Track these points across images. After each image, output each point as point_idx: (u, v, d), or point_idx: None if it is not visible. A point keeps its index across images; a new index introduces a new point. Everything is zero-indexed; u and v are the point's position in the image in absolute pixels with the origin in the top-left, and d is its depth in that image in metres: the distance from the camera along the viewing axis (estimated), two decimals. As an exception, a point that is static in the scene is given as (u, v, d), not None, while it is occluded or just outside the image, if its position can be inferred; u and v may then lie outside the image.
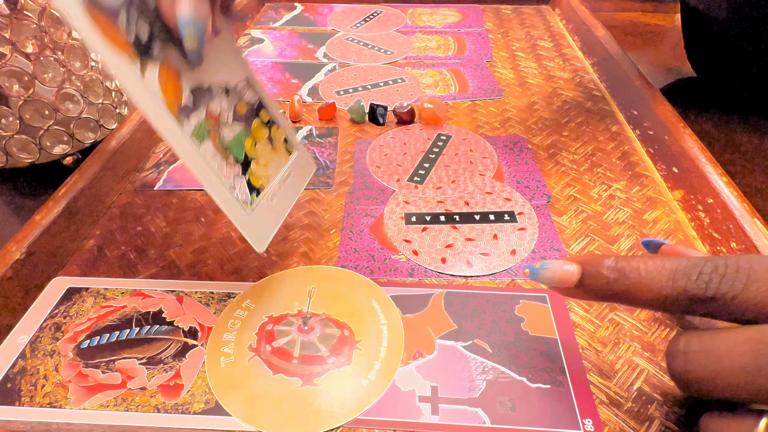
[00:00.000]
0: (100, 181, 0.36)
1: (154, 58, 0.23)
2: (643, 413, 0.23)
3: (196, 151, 0.24)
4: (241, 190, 0.26)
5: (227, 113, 0.26)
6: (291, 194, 0.29)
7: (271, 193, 0.28)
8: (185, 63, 0.24)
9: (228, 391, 0.24)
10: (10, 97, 0.35)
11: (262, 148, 0.28)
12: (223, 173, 0.25)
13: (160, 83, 0.23)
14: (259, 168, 0.27)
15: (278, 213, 0.28)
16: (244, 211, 0.25)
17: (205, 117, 0.25)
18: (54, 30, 0.36)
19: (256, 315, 0.28)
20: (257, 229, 0.26)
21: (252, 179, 0.27)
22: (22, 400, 0.24)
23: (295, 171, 0.30)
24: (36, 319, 0.27)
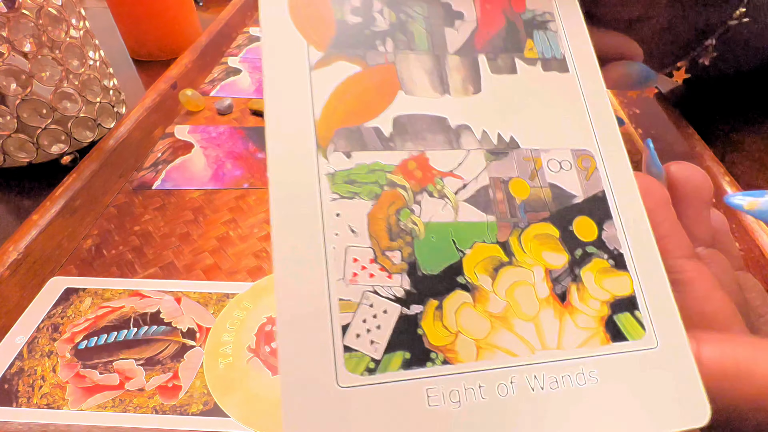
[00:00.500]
0: (98, 180, 0.35)
1: (354, 55, 0.14)
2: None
3: (308, 200, 0.12)
4: (364, 327, 0.12)
5: (462, 182, 0.13)
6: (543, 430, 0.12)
7: (473, 394, 0.11)
8: (431, 78, 0.14)
9: (227, 392, 0.24)
10: (8, 96, 0.35)
11: (518, 287, 0.13)
12: (343, 270, 0.12)
13: (340, 87, 0.13)
14: (473, 317, 0.12)
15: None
16: (330, 372, 0.11)
17: (397, 167, 0.13)
18: (52, 29, 0.36)
19: (255, 315, 0.27)
20: (328, 427, 0.11)
21: (431, 330, 0.12)
22: (20, 401, 0.23)
23: (608, 387, 0.12)
24: (33, 319, 0.27)
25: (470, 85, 0.14)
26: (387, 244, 0.12)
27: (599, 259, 0.13)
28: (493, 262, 0.13)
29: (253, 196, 0.37)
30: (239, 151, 0.41)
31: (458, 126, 0.14)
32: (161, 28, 0.56)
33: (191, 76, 0.49)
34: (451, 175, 0.13)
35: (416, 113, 0.14)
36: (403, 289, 0.12)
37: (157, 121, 0.43)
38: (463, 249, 0.13)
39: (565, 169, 0.14)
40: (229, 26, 0.59)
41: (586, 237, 0.14)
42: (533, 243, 0.13)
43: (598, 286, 0.13)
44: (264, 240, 0.33)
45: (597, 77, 0.16)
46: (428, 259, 0.12)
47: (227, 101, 0.47)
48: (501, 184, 0.14)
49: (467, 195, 0.13)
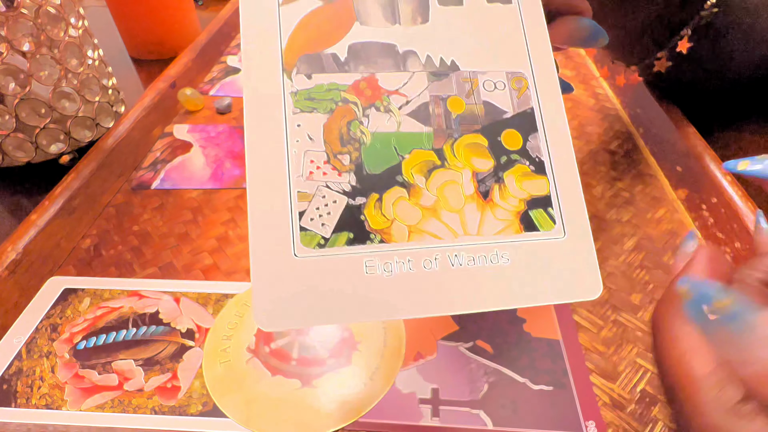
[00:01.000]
0: (97, 180, 0.35)
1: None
2: (646, 415, 0.23)
3: (274, 113, 0.15)
4: (317, 213, 0.14)
5: (406, 99, 0.16)
6: (456, 298, 0.14)
7: (403, 266, 0.14)
8: (383, 10, 0.16)
9: (226, 392, 0.24)
10: (6, 95, 0.34)
11: (448, 185, 0.15)
12: (301, 169, 0.14)
13: (303, 20, 0.15)
14: (407, 208, 0.15)
15: (361, 300, 0.14)
16: (288, 245, 0.14)
17: (350, 86, 0.15)
18: (50, 28, 0.36)
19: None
20: (286, 290, 0.14)
21: (371, 216, 0.14)
22: (18, 402, 0.23)
23: (518, 266, 0.15)
24: (32, 319, 0.27)
25: (419, 16, 0.17)
26: (338, 149, 0.15)
27: (522, 165, 0.16)
28: (428, 165, 0.15)
29: (253, 195, 0.36)
30: (238, 150, 0.41)
31: (405, 51, 0.16)
32: (160, 27, 0.56)
33: (190, 75, 0.49)
34: (397, 93, 0.16)
35: (369, 41, 0.16)
36: (350, 184, 0.15)
37: (156, 121, 0.43)
38: (402, 154, 0.15)
39: (498, 89, 0.17)
40: (228, 25, 0.59)
41: (511, 146, 0.16)
42: (464, 150, 0.16)
43: (518, 186, 0.16)
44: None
45: (538, 9, 0.17)
46: (372, 162, 0.15)
47: (226, 100, 0.46)
48: (440, 101, 0.16)
49: (409, 110, 0.16)
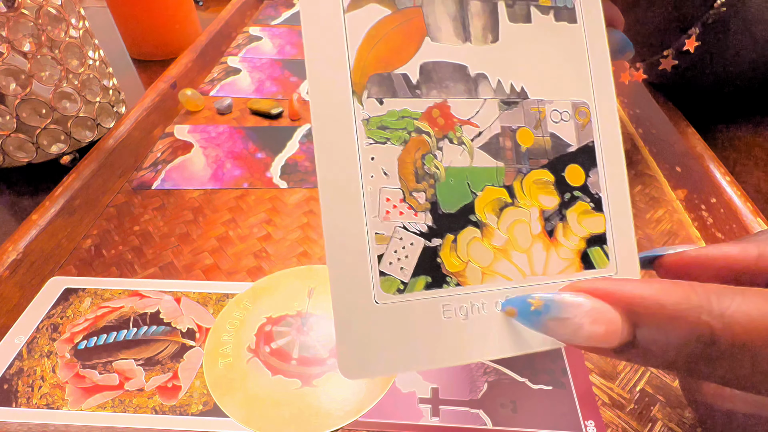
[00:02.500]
0: (98, 180, 0.35)
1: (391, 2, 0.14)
2: (645, 415, 0.23)
3: (347, 145, 0.14)
4: (395, 256, 0.14)
5: (478, 130, 0.15)
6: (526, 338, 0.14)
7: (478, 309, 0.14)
8: (454, 25, 0.15)
9: (226, 392, 0.24)
10: (7, 95, 0.35)
11: (517, 225, 0.15)
12: (377, 208, 0.14)
13: (371, 31, 0.14)
14: (480, 249, 0.15)
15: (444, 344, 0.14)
16: (369, 291, 0.14)
17: (423, 114, 0.15)
18: (51, 28, 0.36)
19: (254, 316, 0.27)
20: (368, 338, 0.13)
21: (447, 259, 0.14)
22: (19, 402, 0.23)
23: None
24: (33, 319, 0.27)
25: (489, 34, 0.16)
26: (414, 186, 0.14)
27: (582, 202, 0.16)
28: (499, 203, 0.15)
29: (253, 195, 0.37)
30: (239, 150, 0.41)
31: (477, 75, 0.15)
32: (161, 28, 0.56)
33: (191, 75, 0.49)
34: (469, 123, 0.15)
35: (440, 60, 0.15)
36: (426, 225, 0.14)
37: (157, 121, 0.43)
38: (475, 191, 0.15)
39: (564, 120, 0.16)
40: (228, 26, 0.59)
41: (574, 182, 0.16)
42: (532, 187, 0.15)
43: (579, 224, 0.16)
44: (263, 240, 0.33)
45: (601, 30, 0.17)
46: (447, 200, 0.14)
47: (227, 101, 0.46)
48: (510, 133, 0.15)
49: (481, 142, 0.15)
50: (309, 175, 0.39)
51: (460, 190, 0.15)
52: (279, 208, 0.35)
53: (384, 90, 0.14)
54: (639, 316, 0.11)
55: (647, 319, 0.11)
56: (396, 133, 0.14)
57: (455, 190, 0.15)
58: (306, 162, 0.40)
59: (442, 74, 0.15)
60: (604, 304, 0.11)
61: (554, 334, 0.12)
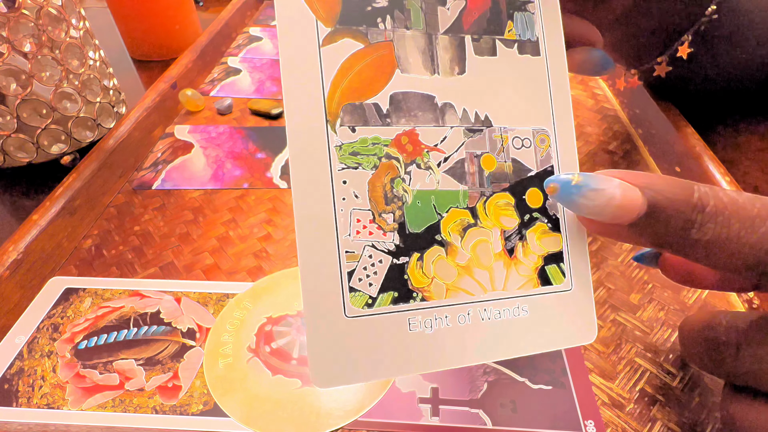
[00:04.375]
0: (98, 180, 0.35)
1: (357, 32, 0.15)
2: (645, 414, 0.23)
3: (321, 170, 0.15)
4: (364, 273, 0.15)
5: (444, 156, 0.16)
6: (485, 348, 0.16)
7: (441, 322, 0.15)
8: (423, 58, 0.16)
9: (226, 392, 0.24)
10: (8, 96, 0.35)
11: (480, 244, 0.16)
12: (349, 228, 0.15)
13: (345, 64, 0.15)
14: (445, 266, 0.16)
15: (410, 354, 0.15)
16: (339, 306, 0.14)
17: (393, 140, 0.15)
18: (52, 28, 0.36)
19: (254, 316, 0.27)
20: (339, 349, 0.14)
21: (413, 275, 0.15)
22: (20, 402, 0.23)
23: (534, 318, 0.16)
24: (33, 319, 0.27)
25: (456, 66, 0.17)
26: (383, 208, 0.15)
27: (541, 223, 0.17)
28: (463, 224, 0.16)
29: (253, 195, 0.37)
30: (239, 150, 0.41)
31: (444, 104, 0.16)
32: (161, 28, 0.56)
33: (191, 76, 0.49)
34: (436, 150, 0.16)
35: (409, 91, 0.16)
36: (395, 244, 0.15)
37: (157, 121, 0.43)
38: (441, 212, 0.16)
39: (525, 146, 0.17)
40: (229, 26, 0.59)
41: (534, 204, 0.17)
42: (494, 209, 0.16)
43: (537, 243, 0.17)
44: (263, 240, 0.33)
45: (562, 61, 0.18)
46: (414, 221, 0.15)
47: (227, 101, 0.47)
48: (474, 159, 0.16)
49: (447, 167, 0.16)
50: (309, 176, 0.39)
51: (426, 212, 0.15)
52: (279, 209, 0.35)
53: (356, 118, 0.15)
54: (653, 192, 0.14)
55: (659, 195, 0.14)
56: (367, 159, 0.15)
57: (422, 212, 0.15)
58: (306, 162, 0.40)
59: (411, 104, 0.16)
60: (626, 183, 0.14)
61: (590, 205, 0.14)
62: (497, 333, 0.16)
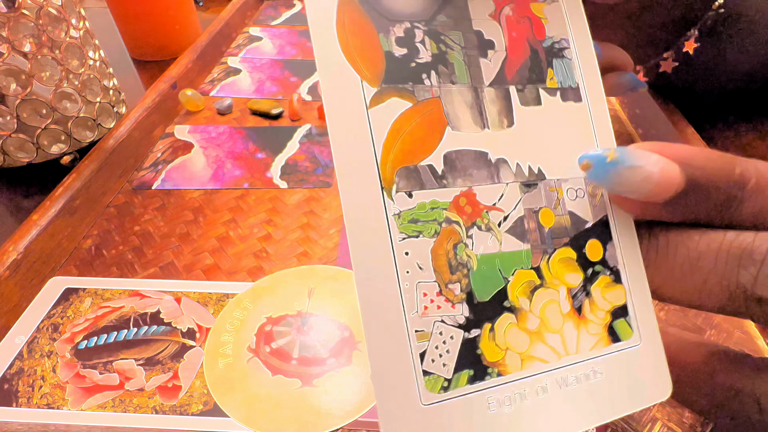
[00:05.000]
0: (98, 180, 0.35)
1: (404, 90, 0.15)
2: (645, 415, 0.23)
3: (382, 242, 0.14)
4: (437, 353, 0.14)
5: (503, 215, 0.15)
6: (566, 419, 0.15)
7: (520, 397, 0.14)
8: (472, 113, 0.16)
9: (226, 392, 0.24)
10: (8, 96, 0.35)
11: (548, 306, 0.15)
12: (416, 304, 0.14)
13: (395, 125, 0.15)
14: (517, 334, 0.15)
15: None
16: (414, 393, 0.13)
17: (451, 203, 0.15)
18: (52, 29, 0.36)
19: (254, 316, 0.27)
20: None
21: (487, 349, 0.14)
22: (20, 402, 0.23)
23: (609, 379, 0.15)
24: (33, 319, 0.27)
25: (505, 119, 0.16)
26: (448, 278, 0.14)
27: (604, 276, 0.16)
28: (530, 286, 0.15)
29: (253, 195, 0.37)
30: (239, 150, 0.41)
31: (497, 160, 0.16)
32: (161, 28, 0.56)
33: (191, 76, 0.49)
34: (495, 209, 0.15)
35: (462, 149, 0.15)
36: (464, 316, 0.14)
37: (157, 121, 0.43)
38: (507, 276, 0.15)
39: (579, 197, 0.16)
40: (229, 26, 0.59)
41: (594, 257, 0.16)
42: (558, 266, 0.16)
43: (603, 298, 0.16)
44: (263, 240, 0.33)
45: (604, 106, 0.18)
46: (481, 288, 0.14)
47: (227, 101, 0.47)
48: (533, 215, 0.16)
49: (508, 226, 0.15)
50: (309, 176, 0.39)
51: (492, 277, 0.15)
52: (279, 208, 0.35)
53: (412, 183, 0.14)
54: (692, 167, 0.13)
55: (698, 170, 0.13)
56: (427, 226, 0.14)
57: (488, 278, 0.14)
58: (306, 162, 0.40)
59: (465, 162, 0.15)
60: (664, 157, 0.13)
61: (626, 183, 0.13)
62: (576, 402, 0.15)
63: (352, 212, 0.14)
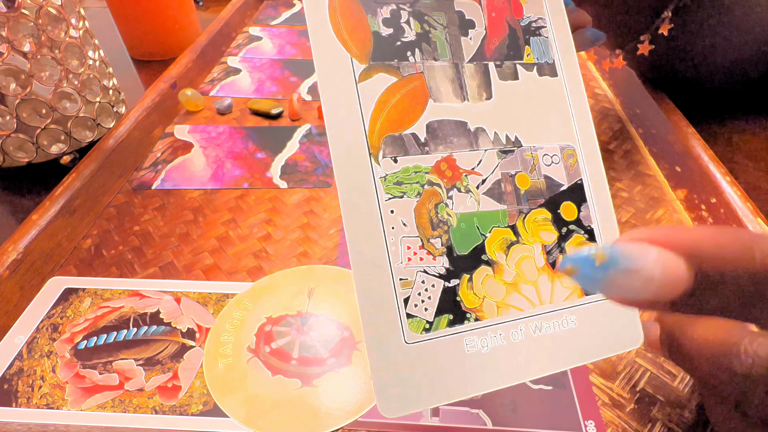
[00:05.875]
0: (98, 180, 0.35)
1: (390, 66, 0.16)
2: (645, 415, 0.23)
3: (369, 201, 0.15)
4: (419, 298, 0.15)
5: (481, 178, 0.17)
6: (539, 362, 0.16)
7: (496, 340, 0.16)
8: (453, 87, 0.17)
9: (226, 392, 0.24)
10: (7, 96, 0.35)
11: (524, 260, 0.17)
12: (400, 256, 0.15)
13: (381, 98, 0.16)
14: (493, 285, 0.16)
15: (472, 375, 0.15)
16: (398, 333, 0.15)
17: (432, 167, 0.16)
18: (51, 28, 0.36)
19: (254, 316, 0.27)
20: (402, 376, 0.15)
21: (465, 297, 0.16)
22: (19, 402, 0.23)
23: (581, 327, 0.17)
24: (33, 319, 0.27)
25: (483, 92, 0.17)
26: (430, 233, 0.16)
27: (578, 235, 0.17)
28: (506, 242, 0.17)
29: (253, 195, 0.37)
30: (239, 150, 0.41)
31: (476, 129, 0.17)
32: (161, 28, 0.56)
33: (191, 75, 0.49)
34: (473, 173, 0.17)
35: (443, 119, 0.17)
36: (444, 267, 0.16)
37: (157, 121, 0.43)
38: (484, 233, 0.16)
39: (555, 162, 0.18)
40: (228, 26, 0.59)
41: (569, 217, 0.17)
42: (533, 225, 0.17)
43: None
44: (263, 240, 0.33)
45: (578, 80, 0.19)
46: (460, 243, 0.16)
47: (227, 101, 0.46)
48: (509, 178, 0.17)
49: (486, 188, 0.17)
50: (309, 176, 0.39)
51: (471, 233, 0.16)
52: (279, 208, 0.35)
53: (397, 149, 0.16)
54: (701, 261, 0.10)
55: (709, 263, 0.10)
56: (411, 187, 0.16)
57: (467, 234, 0.16)
58: (306, 162, 0.40)
59: (446, 131, 0.17)
60: (667, 251, 0.11)
61: (621, 290, 0.11)
62: (549, 346, 0.16)
63: (343, 176, 0.15)
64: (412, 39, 0.17)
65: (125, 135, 0.39)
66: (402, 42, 0.17)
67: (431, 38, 0.17)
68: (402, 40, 0.17)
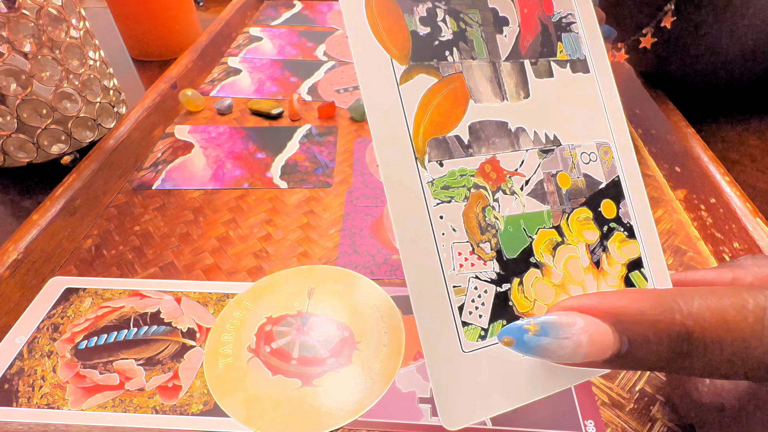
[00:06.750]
0: (98, 180, 0.35)
1: (430, 67, 0.16)
2: (645, 414, 0.23)
3: (419, 207, 0.15)
4: (473, 305, 0.15)
5: (525, 179, 0.16)
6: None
7: None
8: (492, 86, 0.17)
9: (227, 392, 0.24)
10: (8, 96, 0.35)
11: (570, 261, 0.17)
12: (452, 263, 0.15)
13: (423, 99, 0.16)
14: (543, 287, 0.16)
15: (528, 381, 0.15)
16: (456, 342, 0.15)
17: (477, 170, 0.16)
18: (52, 29, 0.36)
19: (254, 316, 0.27)
20: (462, 386, 0.14)
21: (517, 301, 0.16)
22: (20, 401, 0.23)
23: None
24: (33, 319, 0.27)
25: (521, 90, 0.17)
26: (479, 238, 0.15)
27: (619, 233, 0.17)
28: (552, 243, 0.16)
29: (253, 195, 0.37)
30: (239, 150, 0.41)
31: (517, 129, 0.17)
32: (161, 28, 0.56)
33: (191, 76, 0.49)
34: (517, 174, 0.17)
35: (484, 120, 0.16)
36: (495, 272, 0.15)
37: (157, 121, 0.43)
38: (531, 235, 0.16)
39: (593, 160, 0.18)
40: (229, 26, 0.59)
41: (609, 215, 0.17)
42: (576, 224, 0.17)
43: (619, 253, 0.17)
44: (263, 240, 0.33)
45: (609, 75, 0.19)
46: (509, 246, 0.16)
47: (227, 101, 0.47)
48: (551, 178, 0.17)
49: (529, 189, 0.17)
50: (309, 176, 0.39)
51: (518, 236, 0.16)
52: (279, 208, 0.35)
53: (442, 152, 0.16)
54: (625, 325, 0.12)
55: (633, 327, 0.12)
56: (458, 191, 0.15)
57: (514, 237, 0.16)
58: (306, 162, 0.40)
59: (488, 132, 0.16)
60: (594, 319, 0.12)
61: (553, 355, 0.12)
62: None
63: (391, 182, 0.15)
64: (449, 38, 0.16)
65: (126, 135, 0.39)
66: (440, 41, 0.16)
67: (468, 37, 0.17)
68: (440, 39, 0.16)
